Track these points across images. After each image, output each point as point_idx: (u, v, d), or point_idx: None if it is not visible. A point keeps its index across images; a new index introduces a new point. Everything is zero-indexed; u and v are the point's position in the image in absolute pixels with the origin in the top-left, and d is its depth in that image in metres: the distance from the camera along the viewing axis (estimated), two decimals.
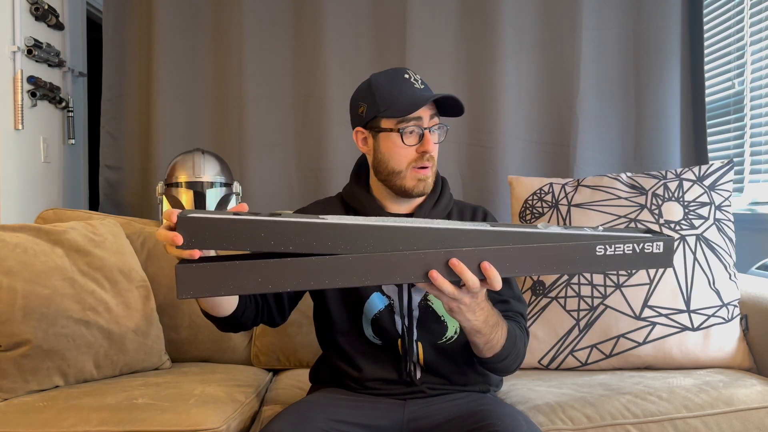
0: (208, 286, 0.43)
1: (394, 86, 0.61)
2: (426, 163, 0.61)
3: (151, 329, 0.85)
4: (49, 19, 1.15)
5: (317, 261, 0.44)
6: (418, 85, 0.61)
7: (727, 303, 0.81)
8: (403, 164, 0.61)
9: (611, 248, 0.46)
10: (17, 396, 0.72)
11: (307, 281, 0.44)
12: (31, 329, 0.74)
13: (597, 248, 0.46)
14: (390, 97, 0.60)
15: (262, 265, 0.43)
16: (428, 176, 0.62)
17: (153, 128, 1.16)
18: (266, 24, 1.16)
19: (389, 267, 0.44)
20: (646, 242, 0.46)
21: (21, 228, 0.81)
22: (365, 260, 0.44)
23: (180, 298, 0.43)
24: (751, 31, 1.07)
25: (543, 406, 0.67)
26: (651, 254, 0.46)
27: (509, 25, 1.15)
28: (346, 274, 0.44)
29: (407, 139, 0.60)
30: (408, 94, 0.60)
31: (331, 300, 0.64)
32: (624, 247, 0.46)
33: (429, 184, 0.62)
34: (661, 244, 0.46)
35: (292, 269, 0.43)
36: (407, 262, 0.45)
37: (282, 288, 0.44)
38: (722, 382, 0.71)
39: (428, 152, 0.60)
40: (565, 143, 1.16)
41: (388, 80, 0.61)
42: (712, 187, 0.87)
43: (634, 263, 0.46)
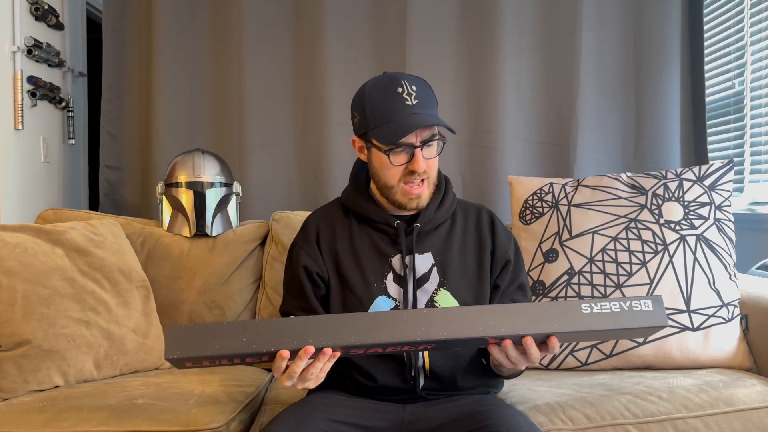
0: (195, 346, 0.44)
1: (386, 103, 0.59)
2: (415, 179, 0.60)
3: (151, 329, 0.85)
4: (49, 19, 1.15)
5: (300, 321, 0.45)
6: (410, 101, 0.58)
7: (727, 303, 0.81)
8: (394, 181, 0.61)
9: (598, 306, 0.46)
10: (17, 396, 0.72)
11: (291, 340, 0.45)
12: (31, 329, 0.74)
13: (582, 306, 0.46)
14: (380, 115, 0.59)
15: (247, 325, 0.45)
16: (420, 194, 0.61)
17: (153, 128, 1.16)
18: (266, 23, 1.15)
19: (374, 325, 0.45)
20: (633, 301, 0.46)
21: (21, 228, 0.81)
22: (345, 320, 0.45)
23: (167, 358, 0.44)
24: (751, 30, 1.07)
25: (543, 406, 0.67)
26: (641, 312, 0.46)
27: (509, 25, 1.14)
28: (330, 333, 0.45)
29: (395, 159, 0.60)
30: (396, 117, 0.58)
31: (334, 306, 0.64)
32: (611, 305, 0.46)
33: (423, 200, 0.62)
34: (650, 302, 0.46)
35: (275, 329, 0.45)
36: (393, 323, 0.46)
37: (266, 348, 0.45)
38: (722, 382, 0.71)
39: (416, 171, 0.59)
40: (565, 143, 1.16)
41: (381, 95, 0.59)
42: (713, 187, 0.87)
43: (625, 321, 0.46)
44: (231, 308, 0.94)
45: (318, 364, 0.48)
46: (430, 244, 0.65)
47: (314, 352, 0.46)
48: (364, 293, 0.63)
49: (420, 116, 0.59)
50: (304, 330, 0.45)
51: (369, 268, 0.63)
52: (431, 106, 0.60)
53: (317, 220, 0.68)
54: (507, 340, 0.48)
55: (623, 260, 0.83)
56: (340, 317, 0.46)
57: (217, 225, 0.98)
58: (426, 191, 0.62)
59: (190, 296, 0.93)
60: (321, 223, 0.67)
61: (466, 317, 0.46)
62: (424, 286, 0.63)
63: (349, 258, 0.64)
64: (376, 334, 0.45)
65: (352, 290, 0.63)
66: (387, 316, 0.46)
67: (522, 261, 0.68)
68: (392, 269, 0.64)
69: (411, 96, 0.59)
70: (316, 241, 0.66)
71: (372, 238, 0.65)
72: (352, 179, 0.68)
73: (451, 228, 0.66)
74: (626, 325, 0.46)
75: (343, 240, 0.65)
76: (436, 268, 0.64)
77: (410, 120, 0.58)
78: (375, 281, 0.63)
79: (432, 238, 0.65)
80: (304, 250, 0.65)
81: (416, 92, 0.59)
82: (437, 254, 0.64)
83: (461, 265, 0.65)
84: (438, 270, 0.64)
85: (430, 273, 0.64)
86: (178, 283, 0.93)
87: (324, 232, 0.66)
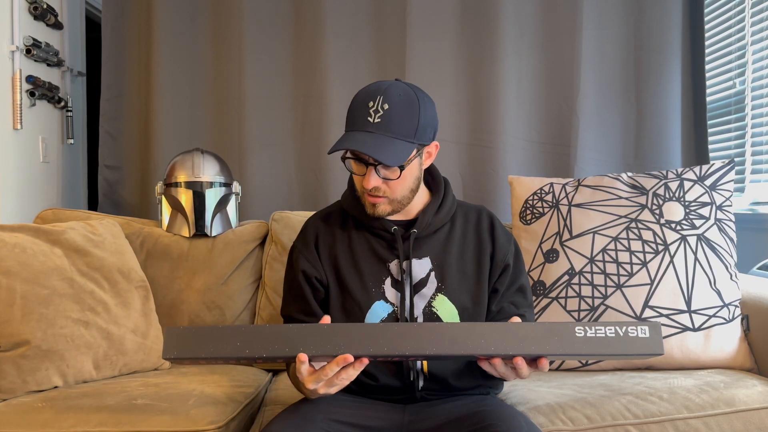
0: (191, 348, 0.46)
1: (354, 112, 0.59)
2: (371, 193, 0.60)
3: (151, 329, 0.85)
4: (48, 18, 1.15)
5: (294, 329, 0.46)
6: (372, 119, 0.57)
7: (728, 303, 0.81)
8: (359, 187, 0.63)
9: (592, 330, 0.45)
10: (16, 396, 0.72)
11: (283, 348, 0.46)
12: (30, 329, 0.73)
13: (576, 329, 0.45)
14: (347, 122, 0.60)
15: (242, 330, 0.46)
16: (377, 205, 0.61)
17: (152, 128, 1.15)
18: (266, 23, 1.15)
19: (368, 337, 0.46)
20: (630, 326, 0.45)
21: (20, 228, 0.81)
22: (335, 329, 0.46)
23: (164, 357, 0.46)
24: (752, 30, 1.07)
25: (543, 406, 0.67)
26: (636, 338, 0.45)
27: (509, 25, 1.14)
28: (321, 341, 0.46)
29: (354, 168, 0.61)
30: (350, 129, 0.59)
31: (333, 310, 0.64)
32: (606, 329, 0.45)
33: (380, 211, 0.61)
34: (647, 328, 0.45)
35: (269, 336, 0.46)
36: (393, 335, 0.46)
37: (258, 353, 0.46)
38: (723, 383, 0.71)
39: (365, 187, 0.60)
40: (566, 143, 1.15)
41: (356, 103, 0.60)
42: (713, 187, 0.87)
43: (620, 347, 0.45)
44: (230, 308, 0.94)
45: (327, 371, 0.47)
46: (428, 248, 0.64)
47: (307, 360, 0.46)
48: (363, 298, 0.63)
49: (364, 136, 0.57)
50: (294, 338, 0.46)
51: (367, 273, 0.63)
52: (395, 130, 0.58)
53: (317, 223, 0.67)
54: (496, 359, 0.48)
55: (624, 260, 0.83)
56: (331, 327, 0.46)
57: (217, 225, 0.98)
58: (387, 206, 0.62)
59: (190, 296, 0.93)
60: (320, 226, 0.67)
61: (457, 334, 0.45)
62: (422, 291, 0.63)
63: (348, 263, 0.64)
64: (366, 346, 0.45)
65: (350, 295, 0.63)
66: (377, 329, 0.46)
67: (522, 263, 0.67)
68: (390, 274, 0.63)
69: (376, 113, 0.58)
70: (315, 245, 0.65)
71: (370, 243, 0.64)
72: (351, 183, 0.68)
73: (450, 232, 0.66)
74: (620, 351, 0.45)
75: (343, 245, 0.65)
76: (434, 273, 0.64)
77: (352, 137, 0.58)
78: (373, 286, 0.63)
79: (430, 243, 0.65)
80: (302, 254, 0.65)
81: (385, 111, 0.57)
82: (435, 259, 0.64)
83: (460, 270, 0.64)
84: (436, 275, 0.64)
85: (428, 278, 0.63)
86: (178, 283, 0.93)
87: (323, 237, 0.66)
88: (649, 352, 0.45)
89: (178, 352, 0.45)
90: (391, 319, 0.62)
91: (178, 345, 0.45)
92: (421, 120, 0.59)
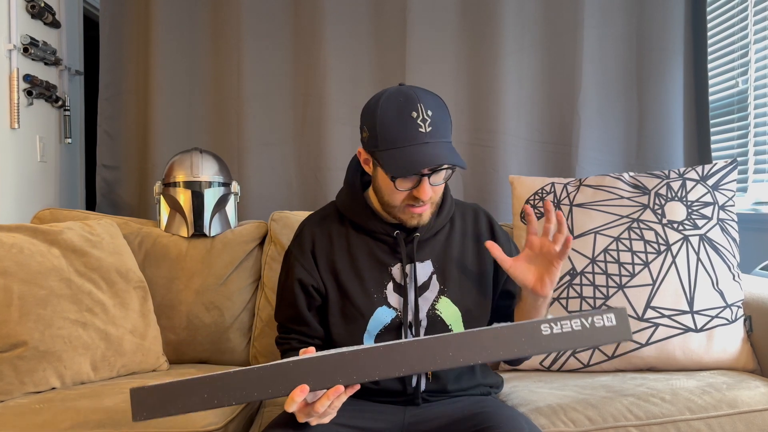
0: (160, 406, 0.45)
1: (398, 127, 0.55)
2: (419, 204, 0.59)
3: (149, 330, 0.84)
4: (46, 17, 1.14)
5: (259, 371, 0.45)
6: (424, 129, 0.55)
7: (731, 304, 0.81)
8: (397, 202, 0.60)
9: (558, 326, 0.45)
10: (13, 398, 0.71)
11: (251, 392, 0.45)
12: (28, 330, 0.73)
13: (542, 327, 0.45)
14: (390, 139, 0.56)
15: (207, 380, 0.45)
16: (423, 213, 0.60)
17: (150, 127, 1.14)
18: (265, 22, 1.14)
19: (333, 368, 0.45)
20: (595, 316, 0.45)
21: (17, 228, 0.80)
22: (302, 365, 0.45)
23: (135, 420, 0.45)
24: (755, 29, 1.06)
25: (545, 408, 0.67)
26: (604, 328, 0.45)
27: (510, 23, 1.13)
28: (286, 380, 0.45)
29: (401, 185, 0.58)
30: (407, 146, 0.55)
31: (333, 317, 0.63)
32: (572, 323, 0.45)
33: (425, 219, 0.60)
34: (612, 316, 0.45)
35: (235, 382, 0.45)
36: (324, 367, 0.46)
37: (227, 402, 0.45)
38: (726, 384, 0.70)
39: (421, 199, 0.58)
40: (567, 142, 1.15)
41: (394, 116, 0.56)
42: (716, 187, 0.86)
43: (588, 339, 0.45)
44: (229, 309, 0.93)
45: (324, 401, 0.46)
46: (429, 251, 0.64)
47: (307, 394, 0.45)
48: (365, 304, 0.62)
49: (431, 148, 0.55)
50: (261, 381, 0.45)
51: (368, 278, 0.62)
52: (445, 134, 0.57)
53: (313, 228, 0.65)
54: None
55: (626, 261, 0.83)
56: (297, 362, 0.45)
57: (216, 225, 0.97)
58: (428, 212, 0.61)
59: (188, 297, 0.92)
60: (317, 231, 0.65)
61: (424, 350, 0.45)
62: (425, 294, 0.63)
63: (348, 268, 0.63)
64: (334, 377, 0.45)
65: (351, 301, 0.62)
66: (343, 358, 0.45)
67: None
68: (392, 279, 0.63)
69: (425, 123, 0.55)
70: (311, 251, 0.64)
71: (370, 248, 0.63)
72: (348, 185, 0.66)
73: (450, 233, 0.65)
74: (589, 343, 0.45)
75: (341, 249, 0.64)
76: (436, 276, 0.63)
77: (421, 152, 0.55)
78: (375, 291, 0.62)
79: (431, 245, 0.64)
80: (298, 261, 0.64)
81: (431, 118, 0.56)
82: (437, 261, 0.64)
83: (461, 271, 0.64)
84: (438, 277, 0.63)
85: (430, 281, 0.63)
86: (176, 283, 0.92)
87: (320, 242, 0.64)
88: (618, 339, 0.45)
89: (148, 413, 0.45)
90: (395, 324, 0.62)
91: (146, 405, 0.45)
92: (451, 118, 0.59)
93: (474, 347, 0.45)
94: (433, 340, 0.45)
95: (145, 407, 0.45)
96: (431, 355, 0.45)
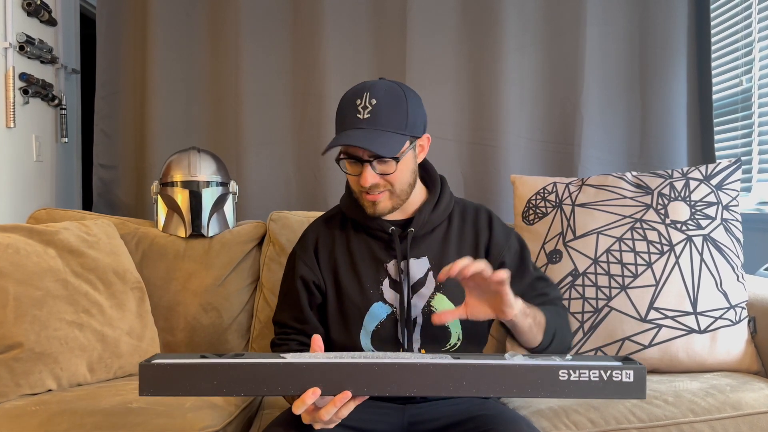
0: (168, 385, 0.45)
1: (343, 113, 0.59)
2: (367, 191, 0.59)
3: (146, 332, 0.84)
4: (42, 14, 1.13)
5: (272, 366, 0.45)
6: (362, 115, 0.57)
7: (735, 305, 0.80)
8: (356, 188, 0.61)
9: (576, 374, 0.44)
10: (9, 400, 0.71)
11: (260, 387, 0.45)
12: (23, 332, 0.72)
13: (560, 373, 0.45)
14: (337, 123, 0.60)
15: (218, 368, 0.45)
16: (378, 201, 0.60)
17: (148, 126, 1.14)
18: (263, 19, 1.13)
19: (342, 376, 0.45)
20: (614, 370, 0.45)
21: (13, 228, 0.80)
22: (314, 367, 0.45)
23: (141, 395, 0.45)
24: (759, 26, 1.05)
25: (546, 410, 0.66)
26: (620, 383, 0.44)
27: (512, 21, 1.12)
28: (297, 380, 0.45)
29: (349, 169, 0.60)
30: (341, 129, 0.58)
31: (331, 314, 0.63)
32: (590, 373, 0.44)
33: (381, 208, 0.60)
34: (632, 373, 0.45)
35: (246, 374, 0.45)
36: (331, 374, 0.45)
37: (235, 393, 0.45)
38: (729, 386, 0.70)
39: (361, 185, 0.59)
40: (569, 141, 1.14)
41: (343, 103, 0.60)
42: (720, 187, 0.86)
43: (602, 392, 0.45)
44: (227, 310, 0.92)
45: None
46: (425, 247, 0.64)
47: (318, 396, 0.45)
48: (361, 300, 0.62)
49: (360, 133, 0.57)
50: (273, 377, 0.45)
51: (365, 274, 0.63)
52: (387, 123, 0.57)
53: (317, 228, 0.67)
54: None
55: (628, 261, 0.82)
56: (311, 365, 0.45)
57: (214, 225, 0.96)
58: (387, 202, 0.60)
59: (186, 298, 0.91)
60: (321, 231, 0.66)
61: (441, 375, 0.45)
62: (420, 291, 0.62)
63: (347, 265, 0.64)
64: (346, 386, 0.45)
65: (348, 298, 0.63)
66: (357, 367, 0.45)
67: (529, 257, 0.66)
68: (388, 275, 0.63)
69: (365, 110, 0.57)
70: (314, 249, 0.65)
71: (368, 245, 0.64)
72: (347, 185, 0.67)
73: (448, 230, 0.65)
74: (602, 396, 0.45)
75: (342, 248, 0.65)
76: (432, 273, 0.63)
77: (347, 135, 0.57)
78: (371, 288, 0.63)
79: (428, 242, 0.64)
80: (301, 259, 0.65)
81: (373, 106, 0.57)
82: (433, 258, 0.63)
83: None
84: (434, 274, 0.63)
85: (426, 277, 0.63)
86: (174, 284, 0.92)
87: (323, 241, 0.66)
88: (632, 397, 0.45)
89: (155, 390, 0.45)
90: (391, 320, 0.62)
91: (154, 382, 0.45)
92: (409, 112, 0.59)
93: (489, 381, 0.45)
94: (450, 367, 0.45)
95: (153, 384, 0.45)
96: (445, 380, 0.45)
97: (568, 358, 0.46)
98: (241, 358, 0.45)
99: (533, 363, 0.45)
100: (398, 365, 0.45)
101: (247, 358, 0.45)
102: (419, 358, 0.46)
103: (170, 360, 0.45)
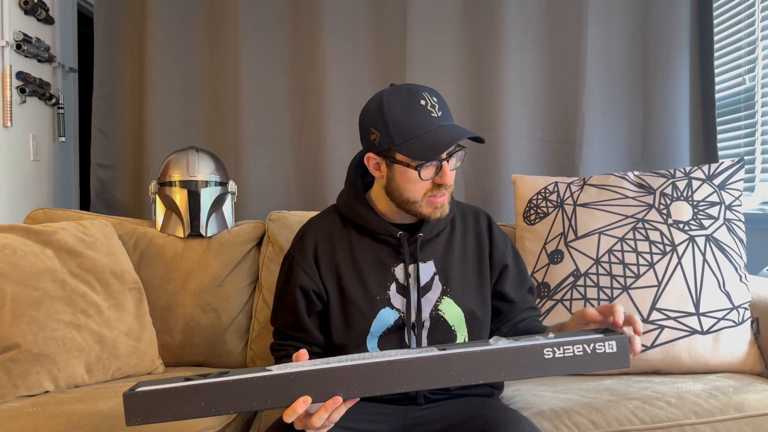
0: (155, 412, 0.44)
1: (410, 117, 0.56)
2: (442, 192, 0.59)
3: (144, 332, 0.83)
4: (39, 13, 1.13)
5: (258, 380, 0.44)
6: (435, 113, 0.56)
7: (738, 305, 0.80)
8: (419, 195, 0.60)
9: (560, 351, 0.45)
10: (6, 401, 0.70)
11: (249, 402, 0.44)
12: (21, 333, 0.72)
13: (545, 351, 0.45)
14: (406, 130, 0.56)
15: (205, 388, 0.44)
16: (445, 203, 0.60)
17: (146, 126, 1.13)
18: (262, 17, 1.13)
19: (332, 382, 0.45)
20: (597, 342, 0.46)
21: (10, 228, 0.79)
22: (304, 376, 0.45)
23: (128, 425, 0.44)
24: (762, 25, 1.05)
25: (548, 411, 0.66)
26: (604, 354, 0.46)
27: (513, 20, 1.12)
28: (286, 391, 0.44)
29: (425, 174, 0.58)
30: (426, 132, 0.56)
31: (334, 321, 0.62)
32: (574, 348, 0.45)
33: (446, 209, 0.61)
34: (614, 343, 0.46)
35: (234, 391, 0.44)
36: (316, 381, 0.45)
37: (225, 411, 0.45)
38: (732, 387, 0.69)
39: (445, 184, 0.58)
40: (571, 141, 1.13)
41: (403, 108, 0.57)
42: (722, 186, 0.85)
43: (588, 364, 0.46)
44: (226, 311, 0.92)
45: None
46: (431, 252, 0.63)
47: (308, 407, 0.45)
48: (367, 307, 0.61)
49: (449, 129, 0.57)
50: (260, 391, 0.44)
51: (371, 280, 0.62)
52: (452, 117, 0.59)
53: (315, 232, 0.65)
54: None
55: (630, 261, 0.81)
56: (298, 374, 0.45)
57: (212, 225, 0.96)
58: (448, 200, 0.61)
59: (185, 298, 0.91)
60: (319, 235, 0.64)
61: (428, 368, 0.45)
62: (427, 295, 0.62)
63: (350, 271, 0.62)
64: (335, 391, 0.45)
65: (353, 304, 0.62)
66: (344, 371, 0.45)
67: (523, 262, 0.67)
68: (395, 279, 0.62)
69: (435, 108, 0.57)
70: (314, 256, 0.63)
71: (374, 249, 0.63)
72: (349, 187, 0.65)
73: (451, 234, 0.65)
74: (588, 369, 0.46)
75: (343, 252, 0.63)
76: (438, 276, 0.63)
77: (441, 133, 0.56)
78: (378, 293, 0.62)
79: (433, 246, 0.64)
80: (300, 266, 0.63)
81: (438, 103, 0.58)
82: (438, 262, 0.63)
83: (462, 272, 0.64)
84: (440, 278, 0.63)
85: (432, 281, 0.63)
86: (172, 285, 0.91)
87: (323, 246, 0.64)
88: (617, 366, 0.46)
89: (142, 419, 0.44)
90: (398, 325, 0.61)
91: (140, 410, 0.44)
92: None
93: (476, 367, 0.45)
94: (436, 359, 0.45)
95: (140, 412, 0.44)
96: (433, 373, 0.45)
97: (550, 336, 0.47)
98: (227, 376, 0.45)
99: (518, 345, 0.45)
100: (385, 363, 0.44)
101: (233, 375, 0.45)
102: (405, 354, 0.45)
103: (155, 387, 0.44)
